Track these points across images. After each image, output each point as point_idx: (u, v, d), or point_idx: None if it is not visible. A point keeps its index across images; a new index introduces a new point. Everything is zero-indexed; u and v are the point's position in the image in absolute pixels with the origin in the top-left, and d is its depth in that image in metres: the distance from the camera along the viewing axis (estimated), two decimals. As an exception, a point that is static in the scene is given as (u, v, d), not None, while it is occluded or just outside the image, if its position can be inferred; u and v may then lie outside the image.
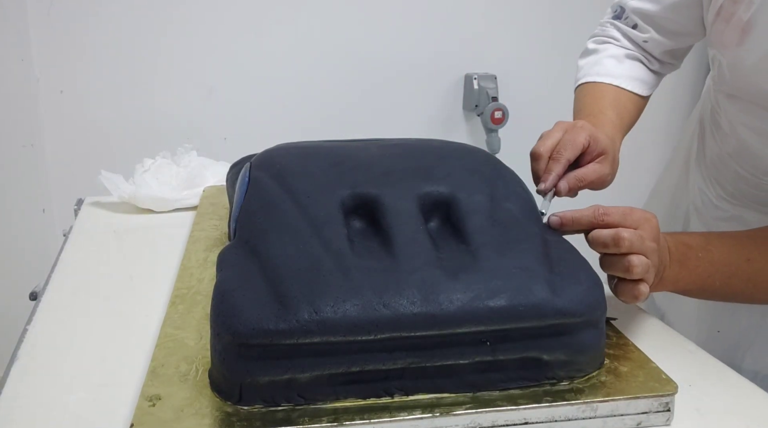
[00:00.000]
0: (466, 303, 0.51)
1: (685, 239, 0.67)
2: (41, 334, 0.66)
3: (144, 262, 0.84)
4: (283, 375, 0.50)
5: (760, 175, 0.79)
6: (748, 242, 0.68)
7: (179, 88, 1.93)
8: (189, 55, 1.91)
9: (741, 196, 0.84)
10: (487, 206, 0.61)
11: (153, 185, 1.02)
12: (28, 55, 1.79)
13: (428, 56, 2.08)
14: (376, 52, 2.03)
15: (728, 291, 0.68)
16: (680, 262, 0.65)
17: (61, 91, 1.84)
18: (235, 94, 1.97)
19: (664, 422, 0.55)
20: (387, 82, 2.06)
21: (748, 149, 0.80)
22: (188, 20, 1.88)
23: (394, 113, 2.10)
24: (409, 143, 0.72)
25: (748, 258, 0.66)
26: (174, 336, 0.61)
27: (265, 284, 0.52)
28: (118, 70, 1.86)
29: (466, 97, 2.15)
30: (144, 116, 1.91)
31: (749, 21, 0.71)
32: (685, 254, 0.65)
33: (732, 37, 0.74)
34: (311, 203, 0.60)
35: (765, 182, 0.79)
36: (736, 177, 0.83)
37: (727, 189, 0.86)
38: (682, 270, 0.65)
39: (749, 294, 0.70)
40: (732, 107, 0.82)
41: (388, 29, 2.02)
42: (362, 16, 2.00)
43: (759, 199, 0.81)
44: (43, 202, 1.86)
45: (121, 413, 0.53)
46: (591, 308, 0.54)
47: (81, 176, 1.84)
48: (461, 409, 0.52)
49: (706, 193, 0.90)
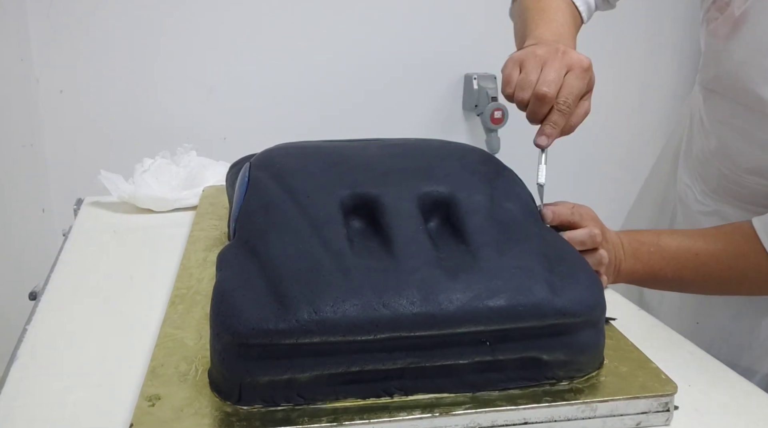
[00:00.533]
0: (466, 303, 0.51)
1: (638, 236, 0.74)
2: (41, 334, 0.66)
3: (144, 262, 0.84)
4: (283, 375, 0.50)
5: (741, 172, 0.81)
6: (697, 237, 0.74)
7: (179, 88, 1.93)
8: (189, 54, 1.91)
9: (723, 192, 0.85)
10: (487, 205, 0.61)
11: (153, 184, 1.02)
12: (28, 55, 1.79)
13: (428, 56, 2.08)
14: (376, 52, 2.03)
15: (680, 282, 0.75)
16: (634, 256, 0.72)
17: (61, 91, 1.84)
18: (234, 94, 1.97)
19: (663, 422, 0.55)
20: (387, 82, 2.06)
21: (729, 146, 0.81)
22: (188, 20, 1.88)
23: (394, 112, 2.10)
24: (408, 142, 0.72)
25: (696, 253, 0.73)
26: (173, 336, 0.61)
27: (264, 284, 0.52)
28: (117, 70, 1.86)
29: (466, 97, 2.15)
30: (144, 115, 1.91)
31: (742, 14, 0.72)
32: (638, 249, 0.72)
33: (723, 28, 0.75)
34: (311, 203, 0.60)
35: (746, 179, 0.80)
36: (719, 174, 0.84)
37: (710, 185, 0.87)
38: (637, 263, 0.72)
39: (700, 285, 0.76)
40: (713, 105, 0.82)
41: (388, 29, 2.02)
42: (362, 16, 2.00)
43: (740, 196, 0.83)
44: (42, 202, 1.86)
45: (120, 413, 0.53)
46: (591, 308, 0.54)
47: (81, 175, 1.85)
48: (461, 409, 0.52)
49: (690, 188, 0.91)
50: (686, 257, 0.73)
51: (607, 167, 2.29)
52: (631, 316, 0.75)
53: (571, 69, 0.65)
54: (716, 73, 0.80)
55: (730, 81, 0.77)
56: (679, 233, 0.77)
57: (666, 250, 0.73)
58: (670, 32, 2.26)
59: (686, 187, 0.92)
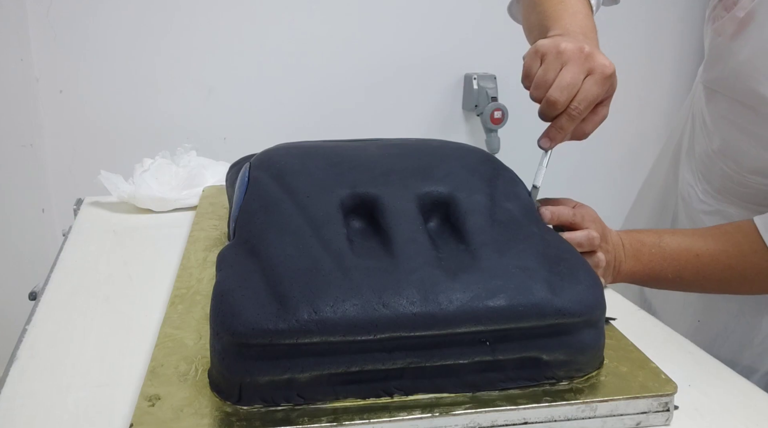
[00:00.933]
0: (466, 303, 0.51)
1: (640, 237, 0.74)
2: (41, 334, 0.66)
3: (143, 262, 0.84)
4: (283, 375, 0.50)
5: (745, 172, 0.80)
6: (698, 238, 0.75)
7: (179, 88, 1.93)
8: (189, 54, 1.91)
9: (726, 192, 0.85)
10: (487, 205, 0.61)
11: (152, 184, 1.02)
12: (28, 55, 1.79)
13: (428, 56, 2.08)
14: (376, 52, 2.03)
15: (681, 283, 0.75)
16: (635, 257, 0.73)
17: (61, 91, 1.84)
18: (234, 94, 1.97)
19: (663, 422, 0.55)
20: (387, 82, 2.06)
21: (732, 147, 0.81)
22: (188, 20, 1.88)
23: (394, 112, 2.10)
24: (408, 142, 0.72)
25: (696, 254, 0.73)
26: (173, 336, 0.61)
27: (264, 284, 0.52)
28: (117, 70, 1.86)
29: (466, 97, 2.15)
30: (143, 115, 1.91)
31: (748, 14, 0.71)
32: (639, 250, 0.73)
33: (729, 27, 0.74)
34: (311, 203, 0.60)
35: (749, 179, 0.80)
36: (722, 174, 0.84)
37: (713, 185, 0.87)
38: (637, 264, 0.73)
39: (700, 285, 0.76)
40: (716, 105, 0.82)
41: (388, 29, 2.02)
42: (362, 16, 2.00)
43: (743, 196, 0.83)
44: (42, 202, 1.86)
45: (120, 413, 0.53)
46: (590, 308, 0.54)
47: (80, 175, 1.85)
48: (461, 409, 0.52)
49: (693, 187, 0.91)
50: (687, 258, 0.73)
51: (607, 166, 2.30)
52: (631, 316, 0.75)
53: (591, 73, 0.62)
54: (720, 72, 0.79)
55: (734, 80, 0.76)
56: (680, 233, 0.77)
57: (667, 251, 0.73)
58: (670, 32, 2.26)
59: (689, 186, 0.92)
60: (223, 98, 1.96)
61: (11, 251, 1.60)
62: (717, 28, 0.78)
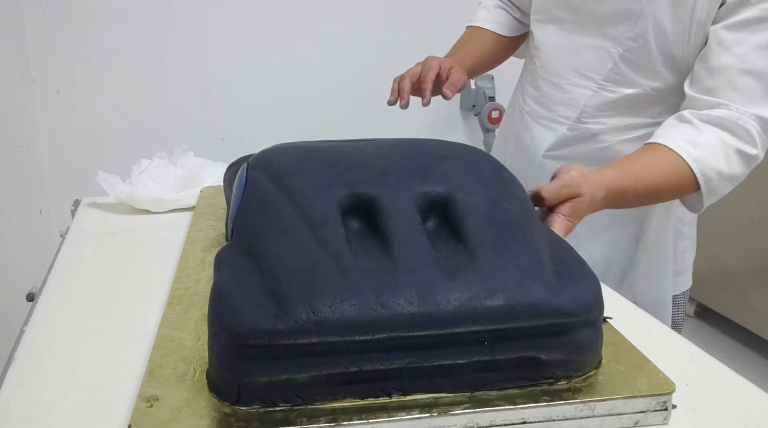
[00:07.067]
0: (464, 303, 0.51)
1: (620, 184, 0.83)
2: (38, 335, 0.66)
3: (141, 263, 0.84)
4: (281, 376, 0.50)
5: (565, 75, 1.03)
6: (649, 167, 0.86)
7: (176, 89, 1.93)
8: (186, 55, 1.91)
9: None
10: (485, 205, 0.61)
11: (150, 185, 1.02)
12: (25, 56, 1.79)
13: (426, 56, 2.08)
14: (373, 52, 2.03)
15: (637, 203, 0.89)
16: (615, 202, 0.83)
17: (58, 91, 1.84)
18: (232, 94, 1.97)
19: (661, 421, 0.55)
20: (384, 82, 2.06)
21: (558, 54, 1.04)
22: (185, 21, 1.88)
23: (392, 113, 2.09)
24: (406, 143, 0.72)
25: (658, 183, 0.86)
26: (171, 337, 0.61)
27: (262, 284, 0.52)
28: (114, 71, 1.86)
29: (464, 97, 2.15)
30: (141, 116, 1.91)
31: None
32: (622, 196, 0.83)
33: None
34: (308, 203, 0.60)
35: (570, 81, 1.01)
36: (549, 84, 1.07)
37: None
38: (615, 205, 0.84)
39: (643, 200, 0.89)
40: (545, 30, 1.06)
41: (386, 29, 2.03)
42: (359, 16, 2.00)
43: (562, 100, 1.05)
44: (39, 203, 1.86)
45: (118, 414, 0.53)
46: (588, 307, 0.54)
47: (78, 176, 1.85)
48: (459, 409, 0.52)
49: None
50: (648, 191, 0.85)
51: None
52: (630, 315, 0.75)
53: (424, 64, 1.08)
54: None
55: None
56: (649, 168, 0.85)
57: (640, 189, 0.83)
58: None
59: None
60: (221, 99, 1.96)
61: (8, 252, 1.60)
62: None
